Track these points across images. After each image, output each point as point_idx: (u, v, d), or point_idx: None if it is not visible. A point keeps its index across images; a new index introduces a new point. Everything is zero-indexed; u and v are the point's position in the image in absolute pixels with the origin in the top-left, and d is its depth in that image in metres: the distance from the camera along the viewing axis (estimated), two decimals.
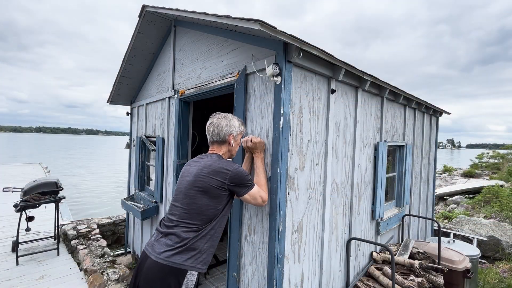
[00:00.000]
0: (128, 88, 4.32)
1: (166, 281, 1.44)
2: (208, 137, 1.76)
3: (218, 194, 1.56)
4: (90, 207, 10.93)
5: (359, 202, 2.67)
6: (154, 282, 1.45)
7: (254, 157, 1.89)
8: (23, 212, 3.86)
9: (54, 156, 34.06)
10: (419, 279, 2.43)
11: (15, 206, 3.80)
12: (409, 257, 2.93)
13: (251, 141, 1.85)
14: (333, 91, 2.17)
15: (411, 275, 2.52)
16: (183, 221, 1.54)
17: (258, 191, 1.68)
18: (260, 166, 1.83)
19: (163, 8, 2.84)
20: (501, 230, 5.37)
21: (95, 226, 4.95)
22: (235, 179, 1.58)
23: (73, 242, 4.26)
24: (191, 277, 1.49)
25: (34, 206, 3.90)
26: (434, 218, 5.63)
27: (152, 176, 4.11)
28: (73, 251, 4.15)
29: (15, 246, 3.87)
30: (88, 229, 4.75)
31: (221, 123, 1.72)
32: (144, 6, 3.08)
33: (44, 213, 5.93)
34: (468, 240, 5.00)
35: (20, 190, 4.12)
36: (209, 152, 1.75)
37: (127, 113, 4.76)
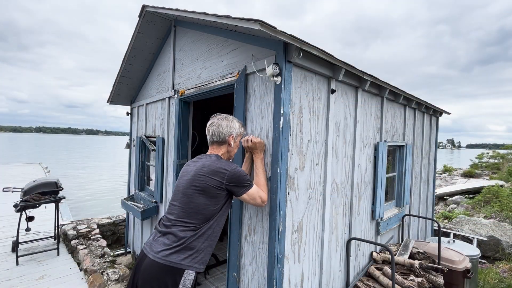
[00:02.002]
0: (128, 88, 4.32)
1: (164, 280, 1.45)
2: (208, 137, 1.78)
3: (216, 194, 1.57)
4: (90, 207, 10.93)
5: (359, 202, 2.67)
6: (152, 281, 1.46)
7: (253, 158, 1.88)
8: (23, 212, 3.86)
9: (54, 156, 34.07)
10: (419, 279, 2.43)
11: (15, 206, 3.80)
12: (409, 257, 2.93)
13: (251, 141, 1.84)
14: (333, 91, 2.17)
15: (411, 275, 2.52)
16: (181, 220, 1.55)
17: (257, 191, 1.69)
18: (260, 167, 1.83)
19: (163, 8, 2.84)
20: (501, 230, 5.37)
21: (95, 226, 4.96)
22: (233, 179, 1.59)
23: (73, 242, 4.26)
24: (189, 276, 1.49)
25: (34, 206, 3.91)
26: (434, 218, 5.63)
27: (152, 176, 4.11)
28: (73, 251, 4.15)
29: (15, 246, 3.87)
30: (88, 229, 4.76)
31: (221, 123, 1.74)
32: (144, 6, 3.08)
33: (44, 213, 5.94)
34: (468, 240, 5.00)
35: (20, 190, 4.13)
36: (208, 153, 1.77)
37: (127, 113, 4.76)
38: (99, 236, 4.62)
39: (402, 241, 3.42)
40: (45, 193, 4.07)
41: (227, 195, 1.64)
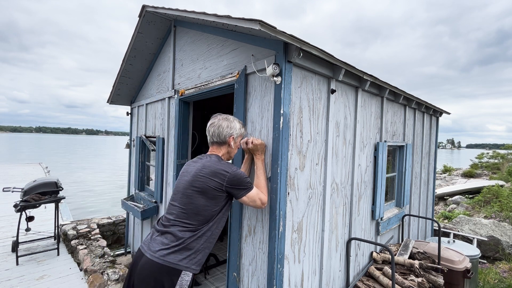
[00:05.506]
0: (128, 88, 4.32)
1: (160, 280, 1.44)
2: (208, 138, 1.78)
3: (216, 195, 1.57)
4: (90, 207, 10.93)
5: (359, 202, 2.67)
6: (148, 280, 1.44)
7: (254, 159, 1.88)
8: (23, 212, 3.86)
9: (54, 156, 34.06)
10: (419, 279, 2.43)
11: (15, 206, 3.80)
12: (409, 257, 2.93)
13: (251, 142, 1.83)
14: (333, 91, 2.17)
15: (411, 275, 2.52)
16: (180, 220, 1.54)
17: (257, 193, 1.68)
18: (261, 168, 1.83)
19: (163, 8, 2.84)
20: (501, 230, 5.37)
21: (95, 226, 4.96)
22: (233, 181, 1.59)
23: (73, 242, 4.26)
24: (186, 277, 1.48)
25: (34, 206, 3.90)
26: (434, 218, 5.63)
27: (152, 176, 4.11)
28: (73, 251, 4.15)
29: (15, 246, 3.87)
30: (88, 229, 4.76)
31: (222, 124, 1.73)
32: (144, 6, 3.08)
33: (44, 213, 5.94)
34: (468, 240, 5.00)
35: (20, 190, 4.12)
36: (208, 153, 1.76)
37: (127, 113, 4.76)
38: (99, 236, 4.62)
39: (402, 241, 3.42)
40: (45, 193, 4.06)
41: (227, 197, 1.64)
